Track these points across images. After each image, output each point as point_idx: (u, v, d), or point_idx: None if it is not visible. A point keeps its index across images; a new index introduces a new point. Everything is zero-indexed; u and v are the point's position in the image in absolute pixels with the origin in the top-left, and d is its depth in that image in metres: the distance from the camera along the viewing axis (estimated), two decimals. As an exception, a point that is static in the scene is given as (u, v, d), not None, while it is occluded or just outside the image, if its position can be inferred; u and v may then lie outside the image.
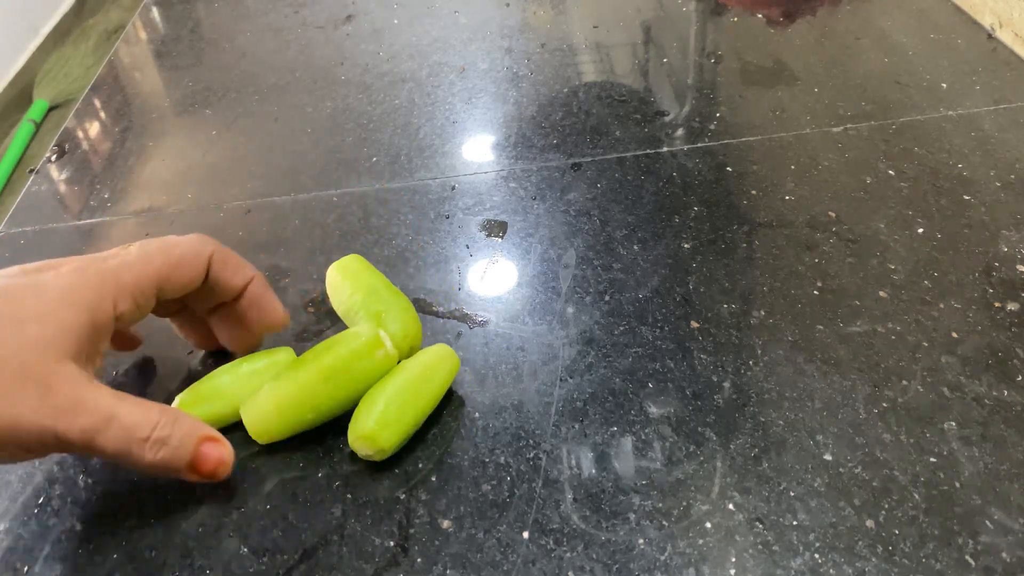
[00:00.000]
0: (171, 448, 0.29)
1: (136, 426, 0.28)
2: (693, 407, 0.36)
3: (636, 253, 0.45)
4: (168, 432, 0.29)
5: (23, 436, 0.27)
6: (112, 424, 0.28)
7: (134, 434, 0.28)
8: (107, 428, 0.28)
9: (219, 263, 0.34)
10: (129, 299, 0.31)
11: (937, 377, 0.36)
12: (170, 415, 0.30)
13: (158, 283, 0.32)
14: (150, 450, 0.29)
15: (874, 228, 0.44)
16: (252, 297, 0.36)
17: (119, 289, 0.30)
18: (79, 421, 0.27)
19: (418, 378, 0.36)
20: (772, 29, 0.64)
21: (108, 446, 0.28)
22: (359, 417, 0.34)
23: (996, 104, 0.53)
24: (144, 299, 0.32)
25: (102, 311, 0.30)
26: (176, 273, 0.33)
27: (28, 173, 0.64)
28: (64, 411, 0.27)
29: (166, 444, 0.29)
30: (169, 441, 0.29)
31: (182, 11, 0.79)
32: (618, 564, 0.31)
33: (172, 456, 0.30)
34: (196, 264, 0.33)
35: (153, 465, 0.29)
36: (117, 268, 0.31)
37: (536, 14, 0.71)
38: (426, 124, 0.58)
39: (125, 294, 0.31)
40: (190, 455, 0.30)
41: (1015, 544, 0.30)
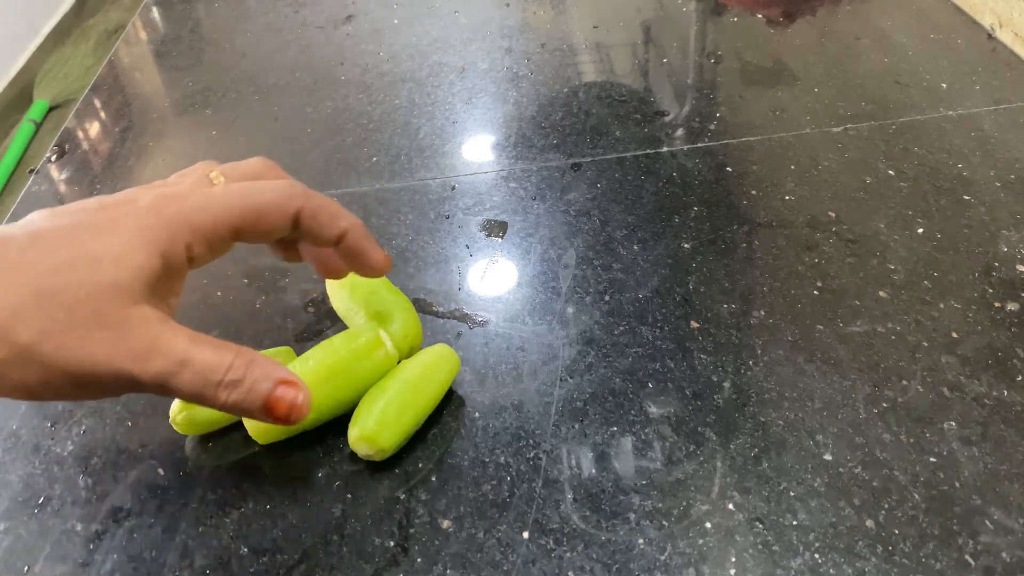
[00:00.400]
0: (243, 391, 0.29)
1: (209, 369, 0.28)
2: (693, 407, 0.36)
3: (636, 253, 0.45)
4: (241, 375, 0.29)
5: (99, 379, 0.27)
6: (186, 368, 0.28)
7: (208, 377, 0.28)
8: (181, 372, 0.28)
9: (308, 217, 0.32)
10: (203, 243, 0.30)
11: (937, 377, 0.36)
12: (245, 357, 0.29)
13: (235, 230, 0.31)
14: (223, 392, 0.28)
15: (874, 228, 0.44)
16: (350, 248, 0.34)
17: (193, 232, 0.30)
18: (153, 365, 0.27)
19: (418, 378, 0.36)
20: (772, 29, 0.64)
21: (182, 389, 0.28)
22: (359, 417, 0.34)
23: (996, 104, 0.53)
24: (220, 243, 0.31)
25: (175, 254, 0.29)
26: (256, 223, 0.31)
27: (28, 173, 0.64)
28: (138, 355, 0.27)
29: (238, 387, 0.29)
30: (242, 384, 0.29)
31: (182, 11, 0.79)
32: (618, 564, 0.31)
33: (245, 399, 0.29)
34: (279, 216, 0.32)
35: (227, 406, 0.29)
36: (192, 210, 0.30)
37: (536, 14, 0.71)
38: (426, 124, 0.58)
39: (200, 238, 0.30)
40: (263, 398, 0.29)
41: (1015, 544, 0.30)
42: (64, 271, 0.27)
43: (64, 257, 0.27)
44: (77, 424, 0.39)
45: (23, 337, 0.26)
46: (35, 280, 0.26)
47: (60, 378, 0.26)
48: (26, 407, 0.40)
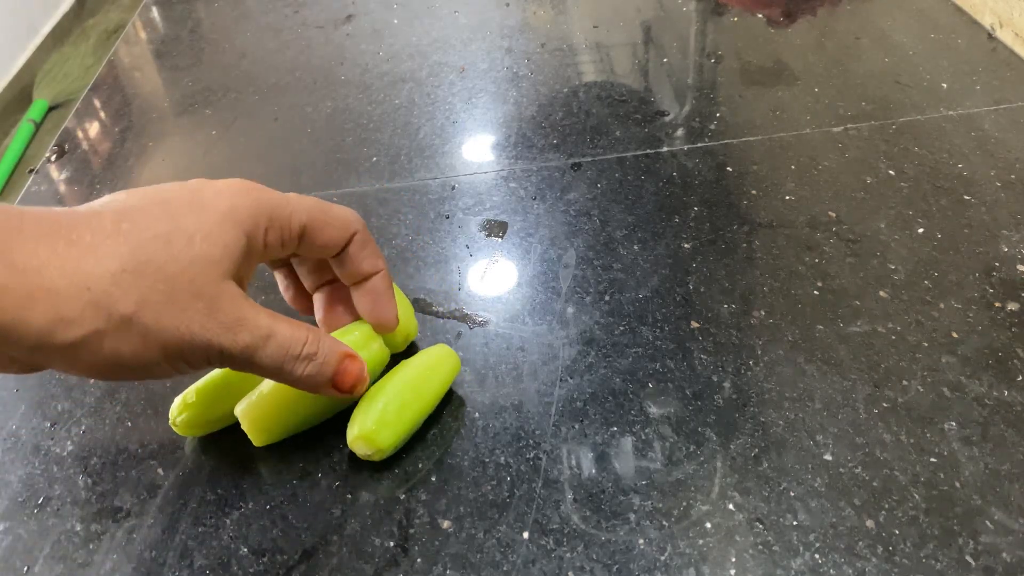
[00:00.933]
0: (317, 364, 0.31)
1: (291, 343, 0.30)
2: (693, 407, 0.36)
3: (636, 253, 0.45)
4: (315, 349, 0.31)
5: (190, 351, 0.27)
6: (270, 341, 0.29)
7: (289, 351, 0.30)
8: (266, 345, 0.29)
9: (360, 242, 0.34)
10: (278, 232, 0.31)
11: (937, 377, 0.36)
12: (316, 333, 0.31)
13: (304, 230, 0.32)
14: (300, 365, 0.30)
15: (874, 228, 0.44)
16: (372, 290, 0.36)
17: (272, 219, 0.31)
18: (241, 338, 0.28)
19: (418, 378, 0.36)
20: (772, 29, 0.64)
21: (266, 361, 0.29)
22: (358, 416, 0.34)
23: (996, 104, 0.53)
24: (289, 238, 0.32)
25: (256, 237, 0.30)
26: (322, 229, 0.33)
27: (28, 173, 0.64)
28: (228, 328, 0.28)
29: (313, 360, 0.31)
30: (316, 357, 0.31)
31: (182, 11, 0.79)
32: (618, 564, 0.31)
33: (318, 371, 0.31)
34: (340, 232, 0.34)
35: (301, 379, 0.31)
36: (273, 200, 0.31)
37: (536, 14, 0.71)
38: (426, 124, 0.58)
39: (276, 227, 0.31)
40: (333, 371, 0.32)
41: (1015, 544, 0.30)
42: (161, 243, 0.27)
43: (160, 230, 0.27)
44: (77, 424, 0.39)
45: (124, 307, 0.26)
46: (133, 251, 0.26)
47: (153, 349, 0.27)
48: (26, 407, 0.40)
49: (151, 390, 0.40)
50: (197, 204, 0.29)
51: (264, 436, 0.35)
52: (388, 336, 0.38)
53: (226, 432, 0.37)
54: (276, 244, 0.32)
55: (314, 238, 0.33)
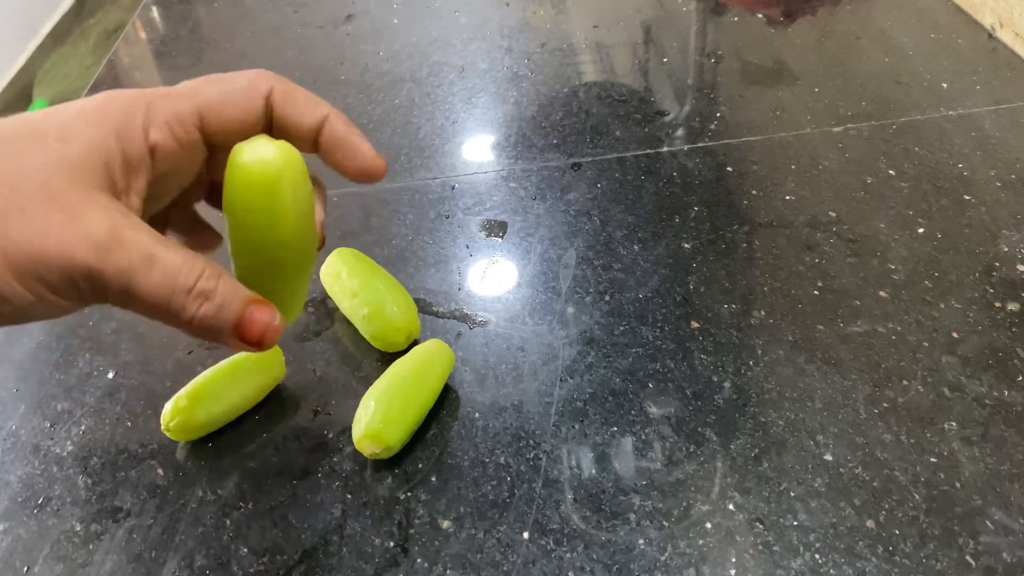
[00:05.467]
0: (215, 304, 0.25)
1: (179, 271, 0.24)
2: (693, 407, 0.36)
3: (636, 253, 0.45)
4: (213, 286, 0.25)
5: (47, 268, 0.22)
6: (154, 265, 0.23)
7: (177, 281, 0.24)
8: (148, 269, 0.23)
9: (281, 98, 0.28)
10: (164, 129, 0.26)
11: (937, 377, 0.36)
12: (215, 268, 0.25)
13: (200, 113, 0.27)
14: (192, 302, 0.24)
15: (874, 228, 0.44)
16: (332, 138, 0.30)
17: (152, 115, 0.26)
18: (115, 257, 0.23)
19: (416, 374, 0.36)
20: (772, 29, 0.64)
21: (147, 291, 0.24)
22: (363, 417, 0.34)
23: (996, 104, 0.53)
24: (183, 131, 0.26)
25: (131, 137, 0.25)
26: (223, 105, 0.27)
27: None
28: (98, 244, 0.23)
29: (210, 299, 0.25)
30: (213, 296, 0.25)
31: (182, 11, 0.79)
32: (618, 564, 0.31)
33: (216, 314, 0.25)
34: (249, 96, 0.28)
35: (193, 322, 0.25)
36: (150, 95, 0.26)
37: (536, 14, 0.71)
38: (426, 124, 0.58)
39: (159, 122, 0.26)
40: (235, 316, 0.25)
41: (1015, 544, 0.30)
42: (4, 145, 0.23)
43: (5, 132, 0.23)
44: (77, 424, 0.39)
45: None
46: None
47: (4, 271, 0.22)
48: (26, 407, 0.40)
49: (151, 390, 0.40)
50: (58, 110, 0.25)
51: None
52: (390, 335, 0.38)
53: (225, 433, 0.37)
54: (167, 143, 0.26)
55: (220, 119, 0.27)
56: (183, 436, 0.37)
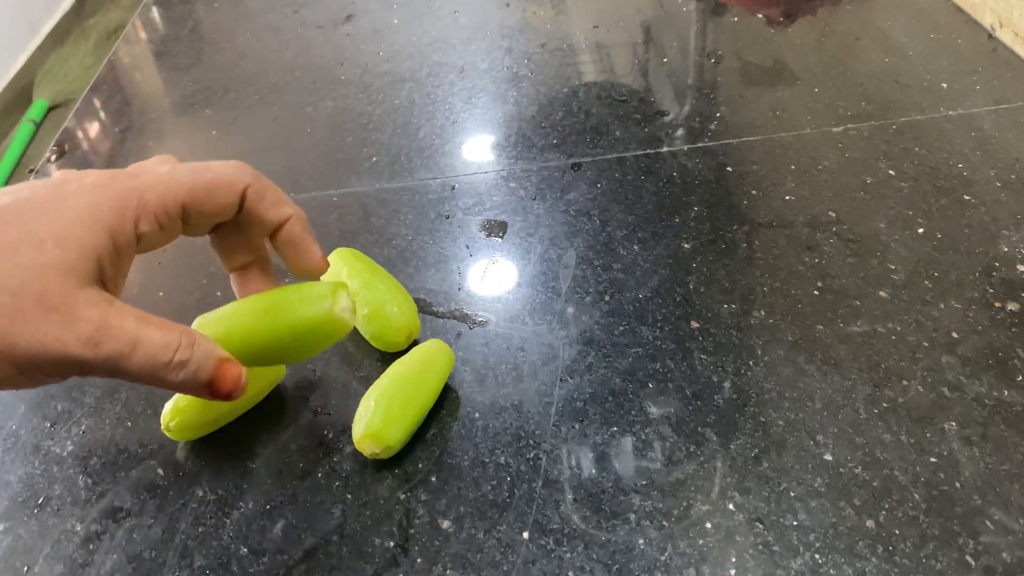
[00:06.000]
0: (191, 371, 0.29)
1: (159, 350, 0.28)
2: (693, 407, 0.36)
3: (636, 253, 0.45)
4: (188, 355, 0.29)
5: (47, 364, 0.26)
6: (136, 350, 0.27)
7: (158, 359, 0.28)
8: (132, 354, 0.27)
9: (254, 195, 0.32)
10: (152, 220, 0.29)
11: (937, 377, 0.36)
12: (189, 337, 0.29)
13: (184, 207, 0.30)
14: (172, 373, 0.28)
15: (874, 228, 0.44)
16: (288, 237, 0.33)
17: (141, 209, 0.29)
18: (104, 348, 0.27)
19: (416, 373, 0.36)
20: (772, 29, 0.64)
21: (134, 370, 0.28)
22: (363, 417, 0.34)
23: (996, 104, 0.53)
24: (168, 222, 0.30)
25: (123, 232, 0.29)
26: (205, 199, 0.31)
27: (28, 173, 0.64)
28: (88, 339, 0.26)
29: (186, 367, 0.29)
30: (189, 364, 0.29)
31: (182, 11, 0.79)
32: (618, 564, 0.31)
33: (192, 378, 0.29)
34: (228, 193, 0.31)
35: (174, 386, 0.29)
36: (141, 187, 0.29)
37: (536, 14, 0.71)
38: (426, 124, 0.58)
39: (148, 215, 0.29)
40: (209, 376, 0.30)
41: (1015, 544, 0.30)
42: (6, 254, 0.26)
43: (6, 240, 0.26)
44: (77, 424, 0.39)
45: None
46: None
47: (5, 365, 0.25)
48: (26, 407, 0.40)
49: (151, 391, 0.40)
50: (54, 204, 0.27)
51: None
52: (390, 335, 0.38)
53: (224, 433, 0.37)
54: (154, 232, 0.30)
55: (200, 210, 0.30)
56: (183, 436, 0.37)
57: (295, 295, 0.33)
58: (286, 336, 0.33)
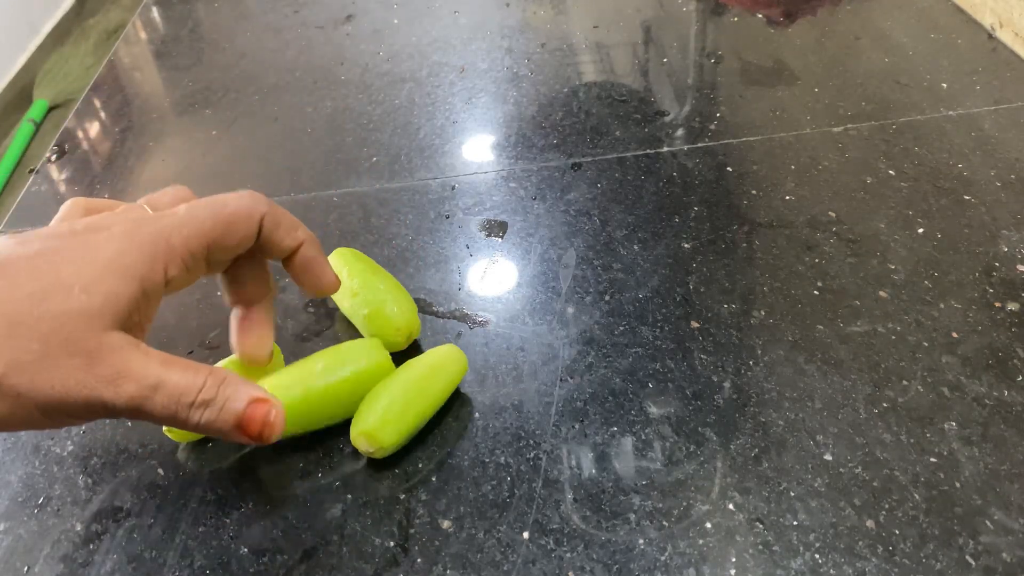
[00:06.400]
0: (215, 410, 0.29)
1: (181, 390, 0.28)
2: (693, 407, 0.36)
3: (636, 253, 0.45)
4: (213, 395, 0.29)
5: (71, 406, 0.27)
6: (158, 391, 0.28)
7: (180, 399, 0.28)
8: (153, 395, 0.28)
9: (271, 224, 0.33)
10: (180, 264, 0.30)
11: (937, 377, 0.36)
12: (218, 377, 0.29)
13: (209, 246, 0.31)
14: (195, 413, 0.29)
15: (874, 228, 0.44)
16: (303, 261, 0.34)
17: (170, 254, 0.30)
18: (126, 390, 0.27)
19: (423, 377, 0.36)
20: (772, 29, 0.64)
21: (155, 412, 0.28)
22: (361, 413, 0.34)
23: (996, 104, 0.53)
24: (195, 263, 0.31)
25: (152, 279, 0.29)
26: (227, 234, 0.31)
27: (28, 173, 0.64)
28: (111, 381, 0.27)
29: (210, 406, 0.29)
30: (214, 403, 0.29)
31: (182, 11, 0.79)
32: (618, 564, 0.31)
33: (217, 418, 0.29)
34: (248, 225, 0.32)
35: (200, 427, 0.29)
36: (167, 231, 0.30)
37: (536, 14, 0.71)
38: (426, 124, 0.58)
39: (176, 259, 0.30)
40: (236, 417, 0.29)
41: (1015, 544, 0.30)
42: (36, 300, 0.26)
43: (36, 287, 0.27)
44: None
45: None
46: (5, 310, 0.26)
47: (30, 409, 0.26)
48: (26, 407, 0.40)
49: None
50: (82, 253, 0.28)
51: None
52: (390, 335, 0.38)
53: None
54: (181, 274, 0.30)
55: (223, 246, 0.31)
56: (183, 437, 0.37)
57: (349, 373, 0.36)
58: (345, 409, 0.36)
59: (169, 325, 0.43)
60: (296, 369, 0.35)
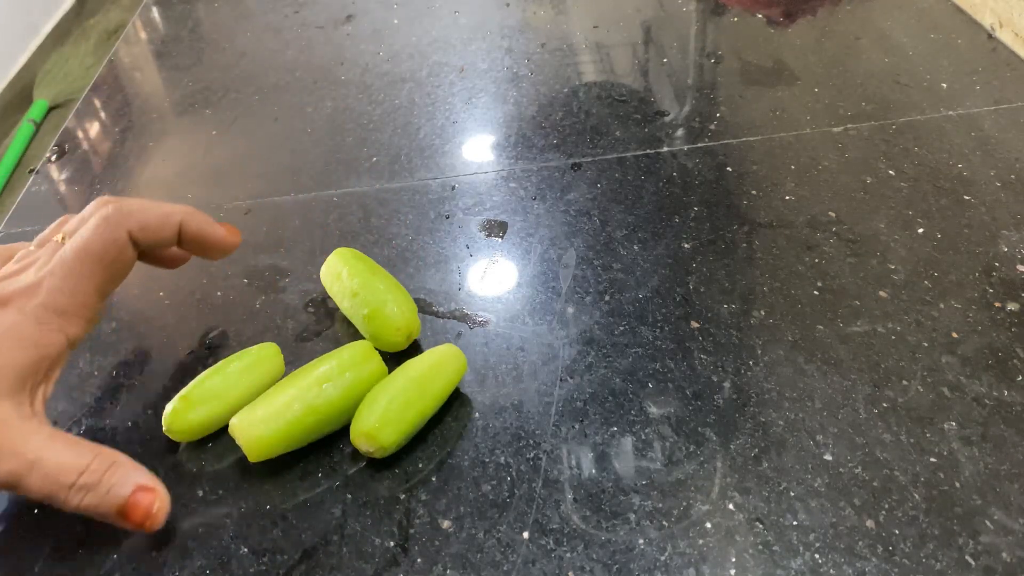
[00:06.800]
0: (98, 495, 0.29)
1: (61, 471, 0.28)
2: (693, 407, 0.36)
3: (636, 253, 0.45)
4: (96, 479, 0.28)
5: None
6: (35, 469, 0.28)
7: (59, 479, 0.28)
8: (30, 473, 0.28)
9: (140, 232, 0.32)
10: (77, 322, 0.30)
11: (937, 377, 0.36)
12: (106, 459, 0.29)
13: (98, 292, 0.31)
14: (74, 495, 0.28)
15: (874, 228, 0.44)
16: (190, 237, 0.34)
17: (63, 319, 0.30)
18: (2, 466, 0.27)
19: (423, 377, 0.36)
20: (772, 29, 0.64)
21: (32, 489, 0.28)
22: (361, 414, 0.34)
23: (996, 104, 0.53)
24: (92, 312, 0.31)
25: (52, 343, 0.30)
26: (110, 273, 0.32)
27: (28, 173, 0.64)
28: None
29: (92, 490, 0.28)
30: (97, 488, 0.28)
31: (182, 11, 0.79)
32: (618, 564, 0.31)
33: (99, 503, 0.29)
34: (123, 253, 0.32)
35: (79, 510, 0.29)
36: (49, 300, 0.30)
37: (536, 14, 0.71)
38: (426, 124, 0.58)
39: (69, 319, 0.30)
40: (119, 503, 0.29)
41: (1015, 544, 0.30)
42: None
43: None
44: (77, 424, 0.39)
45: None
46: None
47: None
48: (26, 407, 0.40)
49: (151, 390, 0.40)
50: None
51: (260, 452, 0.35)
52: (390, 335, 0.38)
53: (225, 433, 0.37)
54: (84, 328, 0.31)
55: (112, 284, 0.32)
56: (184, 437, 0.37)
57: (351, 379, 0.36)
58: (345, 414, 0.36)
59: (169, 325, 0.43)
60: (293, 385, 0.35)
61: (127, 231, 0.32)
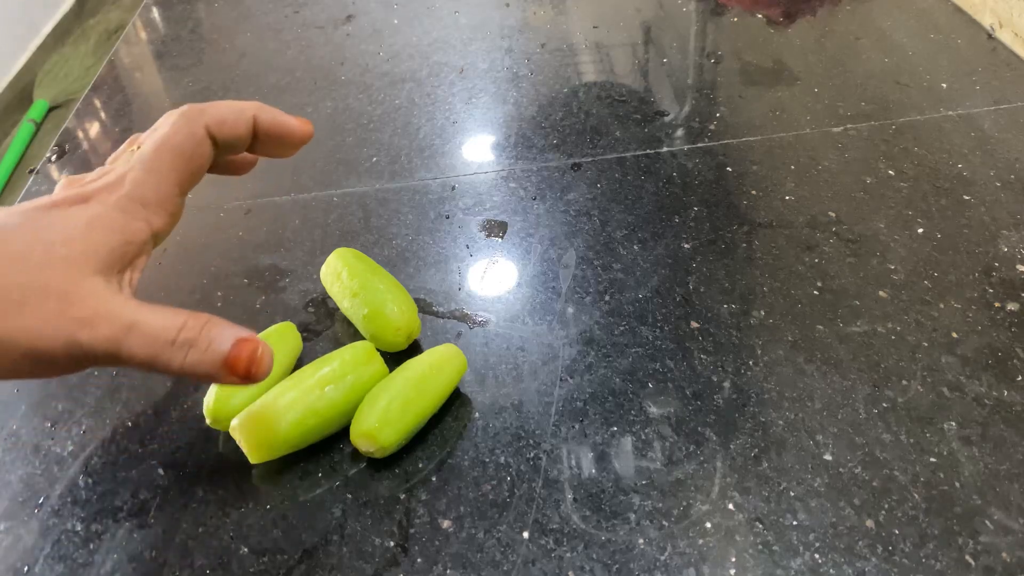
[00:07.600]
0: (200, 350, 0.28)
1: (161, 330, 0.28)
2: (693, 407, 0.36)
3: (636, 253, 0.45)
4: (195, 334, 0.28)
5: (51, 352, 0.27)
6: (135, 330, 0.27)
7: (160, 337, 0.27)
8: (129, 334, 0.27)
9: (216, 126, 0.32)
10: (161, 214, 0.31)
11: (937, 377, 0.36)
12: (201, 318, 0.28)
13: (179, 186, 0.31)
14: (177, 353, 0.28)
15: (874, 228, 0.44)
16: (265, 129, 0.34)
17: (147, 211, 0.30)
18: (101, 330, 0.27)
19: (423, 377, 0.36)
20: (772, 29, 0.64)
21: (133, 353, 0.27)
22: (361, 414, 0.34)
23: (996, 104, 0.53)
24: (174, 206, 0.31)
25: (137, 231, 0.30)
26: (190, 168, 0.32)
27: (28, 173, 0.64)
28: (86, 322, 0.27)
29: (194, 346, 0.28)
30: (198, 343, 0.28)
31: (182, 11, 0.79)
32: (618, 564, 0.31)
33: (202, 358, 0.28)
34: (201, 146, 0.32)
35: (184, 370, 0.28)
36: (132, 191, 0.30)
37: (536, 14, 0.71)
38: (426, 124, 0.58)
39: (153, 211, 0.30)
40: (222, 356, 0.28)
41: (1015, 544, 0.30)
42: (18, 258, 0.27)
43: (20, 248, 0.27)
44: (77, 424, 0.39)
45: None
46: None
47: (15, 357, 0.26)
48: (26, 407, 0.40)
49: (151, 390, 0.40)
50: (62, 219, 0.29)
51: (262, 454, 0.35)
52: (390, 335, 0.38)
53: (225, 432, 0.37)
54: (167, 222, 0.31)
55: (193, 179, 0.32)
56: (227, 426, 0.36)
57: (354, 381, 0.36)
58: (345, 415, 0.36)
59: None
60: (294, 387, 0.35)
61: (203, 125, 0.32)
